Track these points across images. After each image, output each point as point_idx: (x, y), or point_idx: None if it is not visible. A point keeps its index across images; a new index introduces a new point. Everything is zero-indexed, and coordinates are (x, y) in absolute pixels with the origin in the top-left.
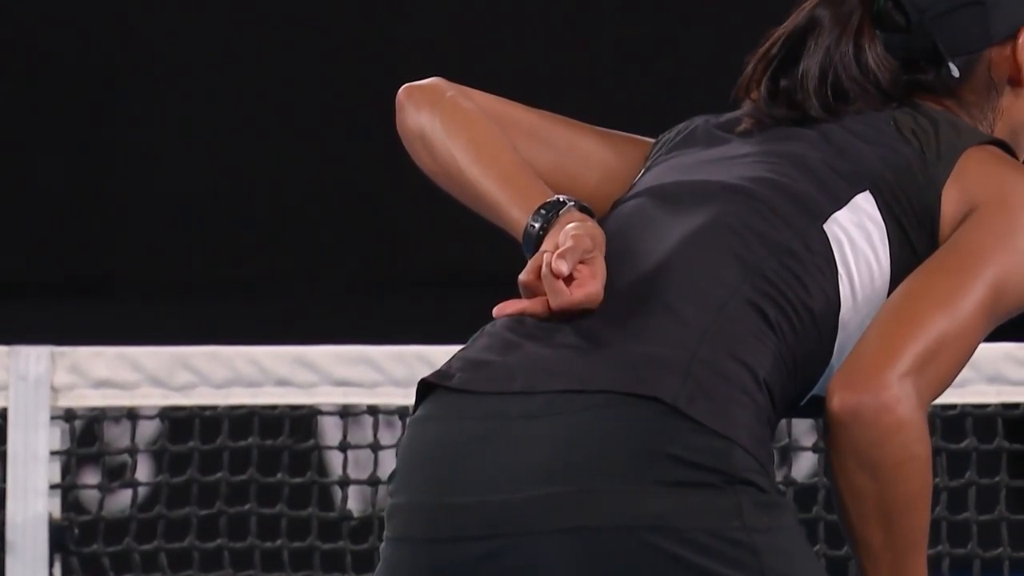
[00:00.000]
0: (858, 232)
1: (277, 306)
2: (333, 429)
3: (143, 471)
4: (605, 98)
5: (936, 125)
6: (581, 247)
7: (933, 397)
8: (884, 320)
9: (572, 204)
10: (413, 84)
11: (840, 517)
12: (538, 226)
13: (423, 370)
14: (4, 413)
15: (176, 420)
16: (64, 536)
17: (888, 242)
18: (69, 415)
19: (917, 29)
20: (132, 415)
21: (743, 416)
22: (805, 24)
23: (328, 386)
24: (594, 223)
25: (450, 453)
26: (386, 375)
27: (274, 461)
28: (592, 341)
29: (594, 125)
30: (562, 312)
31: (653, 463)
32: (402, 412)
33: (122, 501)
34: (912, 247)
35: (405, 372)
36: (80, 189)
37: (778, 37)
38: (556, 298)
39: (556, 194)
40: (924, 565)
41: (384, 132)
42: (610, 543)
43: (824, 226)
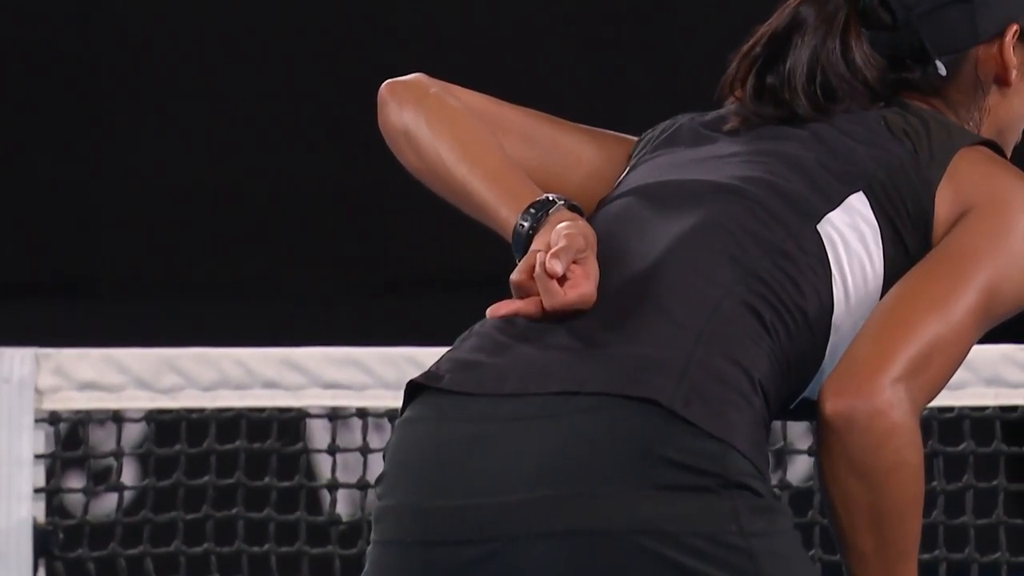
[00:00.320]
0: (852, 233)
1: (265, 307)
2: (322, 432)
3: (129, 475)
4: (591, 95)
5: (927, 125)
6: (574, 247)
7: (926, 402)
8: (877, 324)
9: (562, 203)
10: (396, 80)
11: (831, 523)
12: (527, 225)
13: (413, 372)
14: None
15: (162, 423)
16: (49, 541)
17: (882, 243)
18: (54, 418)
19: (903, 27)
20: (118, 418)
21: (739, 419)
22: (789, 22)
23: (317, 388)
24: (585, 222)
25: (441, 455)
26: (376, 377)
27: (262, 464)
28: (586, 343)
29: (576, 122)
30: (554, 313)
31: (648, 466)
32: (392, 415)
33: (107, 505)
34: (906, 249)
35: (395, 374)
36: (65, 187)
37: (762, 35)
38: (550, 298)
39: (545, 193)
40: (915, 574)
41: (372, 131)
42: (604, 547)
43: (817, 227)
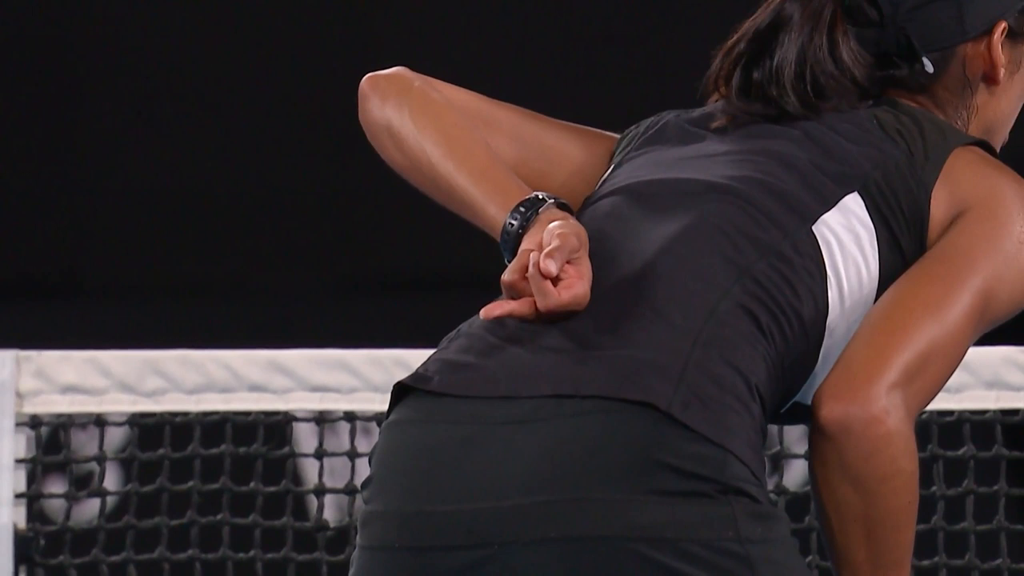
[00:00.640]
0: (847, 235)
1: (251, 309)
2: (309, 436)
3: (111, 480)
4: (574, 91)
5: (919, 124)
6: (568, 246)
7: (921, 408)
8: (873, 328)
9: (552, 201)
10: (377, 73)
11: (822, 531)
12: (517, 224)
13: (402, 375)
14: None
15: (146, 427)
16: (29, 547)
17: (877, 246)
18: (35, 422)
19: (890, 23)
20: (100, 421)
21: (737, 424)
22: (774, 19)
23: (303, 391)
24: (576, 221)
25: (430, 459)
26: (364, 380)
27: (247, 469)
28: (580, 345)
29: (562, 119)
30: (547, 314)
31: (645, 471)
32: (380, 419)
33: (90, 511)
34: (901, 251)
35: (383, 377)
36: (45, 185)
37: (745, 31)
38: (544, 299)
39: (534, 191)
40: None
41: (359, 130)
42: (600, 554)
43: (813, 228)
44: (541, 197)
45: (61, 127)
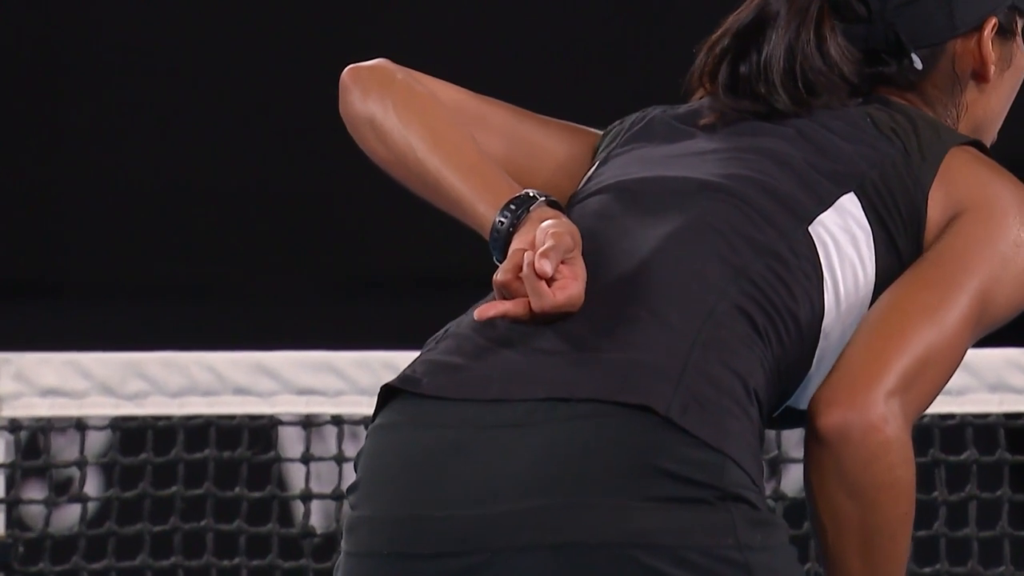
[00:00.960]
0: (844, 236)
1: (235, 310)
2: (295, 440)
3: (92, 485)
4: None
5: (913, 123)
6: (563, 246)
7: (917, 415)
8: (870, 334)
9: (543, 199)
10: (359, 65)
11: (817, 540)
12: (507, 222)
13: (390, 378)
14: None
15: (128, 431)
16: (8, 554)
17: (874, 248)
18: (14, 425)
19: (878, 18)
20: (81, 425)
21: (736, 428)
22: (759, 13)
23: (289, 395)
24: (568, 220)
25: (421, 463)
26: (351, 383)
27: (232, 474)
28: (574, 347)
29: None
30: (541, 315)
31: (642, 477)
32: (368, 422)
33: (70, 517)
34: (898, 253)
35: (371, 380)
36: (24, 182)
37: (729, 26)
38: (539, 300)
39: (524, 188)
40: None
41: (345, 129)
42: (595, 561)
43: (809, 228)
44: (532, 195)
45: (40, 125)
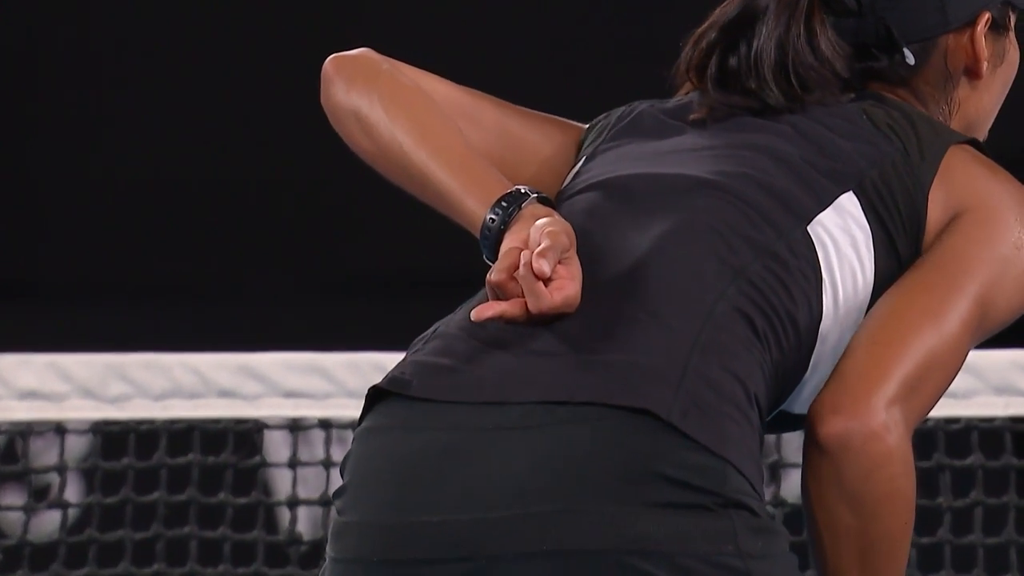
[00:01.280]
0: (844, 237)
1: (220, 310)
2: (281, 444)
3: (73, 491)
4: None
5: (911, 120)
6: (559, 246)
7: (918, 423)
8: (870, 339)
9: (535, 196)
10: (342, 55)
11: (813, 551)
12: (498, 220)
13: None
14: None
15: (109, 435)
16: None
17: (873, 249)
18: None
19: (869, 12)
20: (61, 429)
21: (737, 433)
22: (747, 6)
23: (276, 397)
24: (562, 218)
25: (411, 467)
26: (339, 385)
27: (216, 479)
28: (571, 349)
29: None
30: (536, 316)
31: (641, 482)
32: (356, 426)
33: (50, 523)
34: (897, 254)
35: (360, 382)
36: (2, 182)
37: (716, 20)
38: (535, 301)
39: (515, 185)
40: None
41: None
42: (592, 568)
43: (808, 228)
44: (523, 191)
45: (17, 124)
